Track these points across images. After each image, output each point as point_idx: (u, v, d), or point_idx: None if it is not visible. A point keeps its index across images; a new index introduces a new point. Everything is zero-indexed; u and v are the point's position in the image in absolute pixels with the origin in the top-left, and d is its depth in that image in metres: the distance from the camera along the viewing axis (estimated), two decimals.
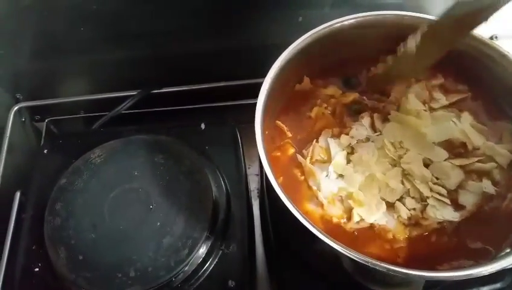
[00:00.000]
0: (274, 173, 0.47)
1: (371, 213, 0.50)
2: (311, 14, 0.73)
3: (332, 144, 0.55)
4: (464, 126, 0.56)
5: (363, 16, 0.60)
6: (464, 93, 0.59)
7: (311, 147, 0.55)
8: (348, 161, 0.54)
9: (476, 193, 0.52)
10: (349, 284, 0.54)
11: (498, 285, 0.56)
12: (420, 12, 0.60)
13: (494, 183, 0.52)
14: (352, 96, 0.60)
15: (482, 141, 0.55)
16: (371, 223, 0.51)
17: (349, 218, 0.51)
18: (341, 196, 0.52)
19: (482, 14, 0.47)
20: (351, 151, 0.55)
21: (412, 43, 0.52)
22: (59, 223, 0.59)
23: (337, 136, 0.56)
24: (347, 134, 0.56)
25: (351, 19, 0.60)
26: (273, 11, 0.73)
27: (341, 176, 0.53)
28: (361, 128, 0.57)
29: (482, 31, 0.60)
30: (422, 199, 0.51)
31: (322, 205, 0.51)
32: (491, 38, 0.79)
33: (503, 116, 0.58)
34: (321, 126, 0.58)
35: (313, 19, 0.62)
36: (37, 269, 0.58)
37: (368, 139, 0.55)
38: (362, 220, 0.50)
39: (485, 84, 0.59)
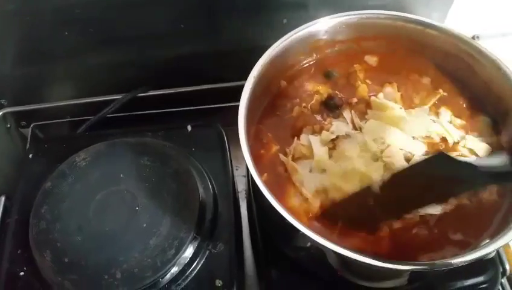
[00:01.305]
0: (257, 170, 0.47)
1: None
2: (296, 17, 0.73)
3: (314, 140, 0.56)
4: (442, 121, 0.56)
5: (343, 15, 0.62)
6: (438, 94, 0.60)
7: (292, 145, 0.56)
8: (330, 156, 0.55)
9: None
10: (336, 281, 0.54)
11: (481, 278, 0.56)
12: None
13: None
14: (326, 92, 0.60)
15: (461, 135, 0.55)
16: None
17: None
18: (325, 190, 0.52)
19: (465, 186, 0.43)
20: (332, 146, 0.55)
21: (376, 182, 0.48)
22: (44, 227, 0.58)
23: (318, 132, 0.57)
24: (328, 130, 0.56)
25: (333, 17, 0.61)
26: (258, 14, 0.74)
27: (324, 171, 0.54)
28: (341, 124, 0.57)
29: (463, 30, 0.62)
30: None
31: (306, 200, 0.52)
32: (473, 38, 0.81)
33: (481, 110, 0.59)
34: (302, 124, 0.58)
35: (297, 21, 0.63)
36: (22, 273, 0.58)
37: (348, 135, 0.56)
38: None
39: (464, 80, 0.60)
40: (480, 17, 0.81)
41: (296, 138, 0.57)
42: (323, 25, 0.61)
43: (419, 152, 0.54)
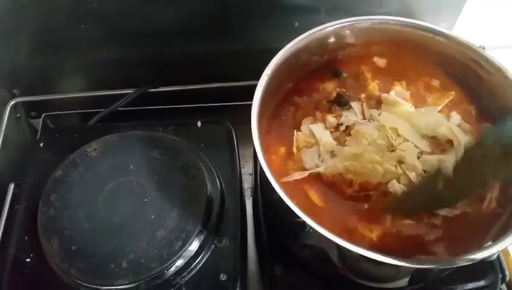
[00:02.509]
0: (269, 164, 0.48)
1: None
2: (307, 20, 0.74)
3: (315, 128, 0.57)
4: (451, 124, 0.57)
5: (354, 20, 0.63)
6: (451, 95, 0.61)
7: (294, 137, 0.57)
8: (343, 142, 0.56)
9: None
10: (339, 279, 0.55)
11: (482, 282, 0.57)
12: None
13: None
14: (335, 91, 0.62)
15: (469, 139, 0.56)
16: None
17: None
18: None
19: None
20: (347, 133, 0.57)
21: (448, 163, 0.47)
22: (53, 214, 0.59)
23: (320, 120, 0.59)
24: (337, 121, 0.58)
25: (344, 22, 0.62)
26: (271, 16, 0.75)
27: (334, 154, 0.56)
28: (351, 114, 0.59)
29: (470, 41, 0.63)
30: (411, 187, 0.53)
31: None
32: None
33: (488, 117, 0.60)
34: (300, 116, 0.60)
35: (308, 24, 0.64)
36: (28, 259, 0.59)
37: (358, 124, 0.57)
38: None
39: (472, 87, 0.61)
40: (487, 28, 0.82)
41: (295, 131, 0.58)
42: (335, 28, 0.62)
43: (427, 149, 0.55)
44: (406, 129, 0.56)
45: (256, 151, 0.49)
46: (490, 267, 0.59)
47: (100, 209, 0.59)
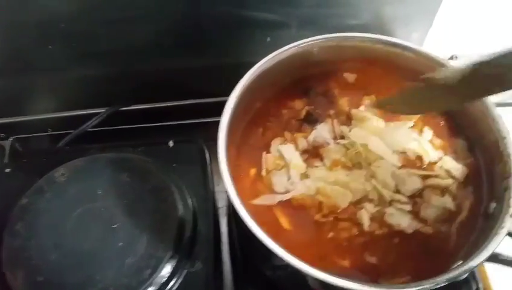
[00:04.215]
0: (239, 190, 0.48)
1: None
2: (279, 35, 0.74)
3: (284, 149, 0.57)
4: (421, 140, 0.57)
5: (327, 38, 0.62)
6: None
7: (263, 159, 0.57)
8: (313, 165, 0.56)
9: (438, 207, 0.54)
10: None
11: None
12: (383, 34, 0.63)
13: (453, 198, 0.54)
14: (304, 109, 0.62)
15: (439, 155, 0.56)
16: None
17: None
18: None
19: None
20: (311, 154, 0.57)
21: (449, 73, 0.48)
22: (19, 244, 0.57)
23: (290, 141, 0.59)
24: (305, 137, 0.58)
25: (314, 40, 0.62)
26: (243, 31, 0.74)
27: (304, 176, 0.55)
28: (321, 131, 0.59)
29: (442, 50, 0.63)
30: (382, 204, 0.53)
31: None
32: (451, 58, 0.83)
33: (460, 134, 0.60)
34: (270, 137, 0.60)
35: (280, 39, 0.63)
36: None
37: (327, 143, 0.58)
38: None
39: None
40: (459, 37, 0.82)
41: (264, 152, 0.58)
42: (304, 46, 0.61)
43: (397, 164, 0.55)
44: (376, 145, 0.56)
45: (223, 176, 0.48)
46: (464, 280, 0.59)
47: (68, 237, 0.57)
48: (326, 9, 0.72)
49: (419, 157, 0.57)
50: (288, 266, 0.46)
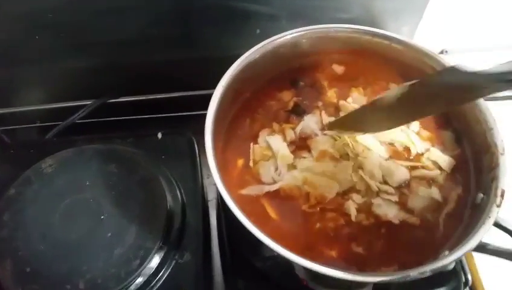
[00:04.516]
0: (226, 180, 0.48)
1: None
2: (269, 27, 0.74)
3: (272, 140, 0.57)
4: (409, 132, 0.58)
5: (316, 29, 0.63)
6: None
7: (251, 150, 0.57)
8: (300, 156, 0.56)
9: (425, 197, 0.54)
10: None
11: (444, 288, 0.57)
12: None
13: (440, 189, 0.55)
14: (292, 100, 0.61)
15: (426, 147, 0.57)
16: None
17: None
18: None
19: (474, 93, 0.45)
20: (299, 145, 0.57)
21: (393, 94, 0.50)
22: (6, 235, 0.57)
23: (277, 132, 0.59)
24: (293, 128, 0.58)
25: (302, 31, 0.62)
26: (233, 23, 0.74)
27: (292, 167, 0.55)
28: (308, 122, 0.59)
29: (432, 45, 0.63)
30: (369, 195, 0.53)
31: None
32: (441, 52, 0.83)
33: (448, 125, 0.60)
34: (258, 128, 0.59)
35: (270, 31, 0.63)
36: None
37: (315, 135, 0.58)
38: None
39: None
40: (449, 32, 0.83)
41: (251, 143, 0.58)
42: (292, 37, 0.61)
43: (384, 156, 0.56)
44: (364, 136, 0.56)
45: (210, 165, 0.48)
46: (453, 272, 0.59)
47: (55, 228, 0.57)
48: (317, 2, 0.72)
49: (407, 149, 0.57)
50: (276, 256, 0.47)
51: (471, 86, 0.43)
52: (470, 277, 0.61)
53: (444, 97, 0.46)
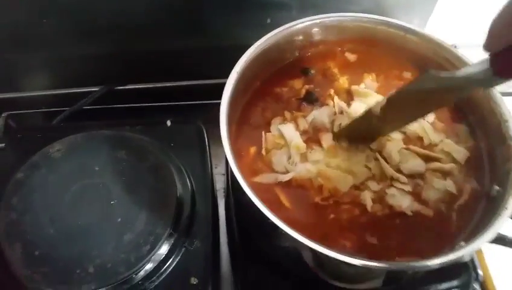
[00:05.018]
0: (239, 167, 0.47)
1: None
2: (279, 16, 0.73)
3: (285, 128, 0.57)
4: (423, 122, 0.58)
5: (325, 17, 0.63)
6: None
7: (263, 138, 0.57)
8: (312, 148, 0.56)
9: (440, 189, 0.54)
10: (313, 280, 0.54)
11: (455, 282, 0.57)
12: None
13: (454, 181, 0.55)
14: (303, 88, 0.61)
15: (440, 138, 0.57)
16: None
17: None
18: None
19: (455, 93, 0.47)
20: (311, 137, 0.57)
21: (377, 105, 0.51)
22: (15, 218, 0.56)
23: (289, 120, 0.58)
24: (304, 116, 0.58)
25: (310, 19, 0.62)
26: (243, 13, 0.74)
27: (305, 157, 0.55)
28: (320, 112, 0.59)
29: (442, 39, 0.63)
30: (383, 181, 0.53)
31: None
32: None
33: (462, 118, 0.60)
34: (269, 116, 0.59)
35: (281, 21, 0.63)
36: None
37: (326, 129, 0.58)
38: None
39: None
40: (459, 26, 0.83)
41: (263, 132, 0.57)
42: (306, 25, 0.61)
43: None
44: None
45: (225, 150, 0.48)
46: (463, 266, 0.59)
47: (65, 212, 0.57)
48: None
49: (420, 138, 0.57)
50: (290, 244, 0.46)
51: (449, 89, 0.45)
52: (480, 272, 0.61)
53: (427, 100, 0.48)
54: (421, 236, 0.51)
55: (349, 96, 0.60)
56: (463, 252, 0.44)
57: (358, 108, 0.58)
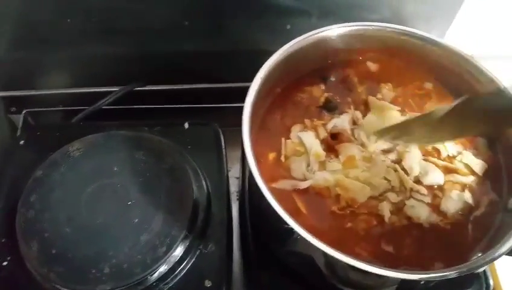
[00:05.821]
0: (260, 171, 0.47)
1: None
2: (299, 23, 0.74)
3: (305, 136, 0.57)
4: None
5: (347, 26, 0.63)
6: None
7: (282, 145, 0.57)
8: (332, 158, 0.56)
9: (458, 201, 0.54)
10: (326, 287, 0.54)
11: None
12: None
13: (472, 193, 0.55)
14: (323, 96, 0.62)
15: (458, 150, 0.57)
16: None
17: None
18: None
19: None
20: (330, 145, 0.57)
21: (442, 109, 0.51)
22: (33, 216, 0.57)
23: (309, 128, 0.58)
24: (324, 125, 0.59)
25: (335, 27, 0.62)
26: (263, 18, 0.74)
27: (322, 166, 0.55)
28: (340, 120, 0.59)
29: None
30: (402, 193, 0.53)
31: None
32: None
33: None
34: (289, 123, 0.59)
35: (300, 27, 0.63)
36: (5, 263, 0.56)
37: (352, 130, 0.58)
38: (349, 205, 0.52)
39: None
40: (478, 38, 0.82)
41: (283, 139, 0.58)
42: (329, 33, 0.61)
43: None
44: None
45: (246, 155, 0.48)
46: (475, 276, 0.59)
47: (82, 211, 0.57)
48: (349, 0, 0.72)
49: (437, 150, 0.57)
50: (306, 248, 0.46)
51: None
52: (491, 282, 0.61)
53: (489, 120, 0.47)
54: (437, 246, 0.51)
55: (366, 108, 0.61)
56: (479, 263, 0.44)
57: (371, 121, 0.58)
